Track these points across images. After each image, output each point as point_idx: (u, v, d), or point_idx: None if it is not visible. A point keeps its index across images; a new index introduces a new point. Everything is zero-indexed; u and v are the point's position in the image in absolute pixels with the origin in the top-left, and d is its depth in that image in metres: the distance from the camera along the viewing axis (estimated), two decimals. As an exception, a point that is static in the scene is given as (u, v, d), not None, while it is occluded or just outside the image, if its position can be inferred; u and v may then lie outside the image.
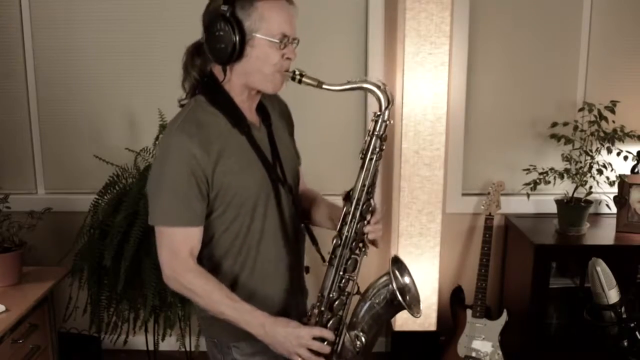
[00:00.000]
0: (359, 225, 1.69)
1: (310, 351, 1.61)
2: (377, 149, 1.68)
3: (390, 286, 1.69)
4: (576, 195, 3.14)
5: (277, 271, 1.76)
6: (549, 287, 3.07)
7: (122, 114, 3.38)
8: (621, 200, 3.16)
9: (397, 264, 1.75)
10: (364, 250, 1.71)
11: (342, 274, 1.69)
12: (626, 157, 3.10)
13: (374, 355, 2.13)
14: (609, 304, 1.67)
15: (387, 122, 1.67)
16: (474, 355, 3.14)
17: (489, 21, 3.33)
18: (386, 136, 1.69)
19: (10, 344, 2.35)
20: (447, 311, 3.34)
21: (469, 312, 3.20)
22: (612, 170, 3.09)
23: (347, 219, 1.68)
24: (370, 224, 1.70)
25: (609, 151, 3.09)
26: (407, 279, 1.76)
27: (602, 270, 1.68)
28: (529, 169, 3.18)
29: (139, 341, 3.20)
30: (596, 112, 3.12)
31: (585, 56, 3.36)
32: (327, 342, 1.64)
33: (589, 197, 3.12)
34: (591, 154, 3.12)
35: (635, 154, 3.13)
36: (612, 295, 1.68)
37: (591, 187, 3.10)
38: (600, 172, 3.09)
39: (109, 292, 2.90)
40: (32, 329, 2.50)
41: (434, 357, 3.28)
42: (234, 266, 1.70)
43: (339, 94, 1.70)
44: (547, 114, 3.34)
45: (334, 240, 1.69)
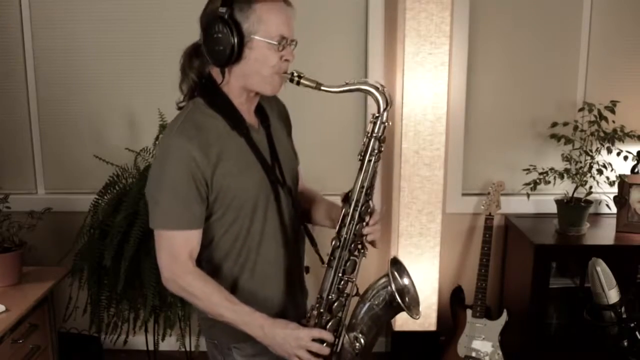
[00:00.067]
0: (358, 226, 1.68)
1: (309, 352, 1.61)
2: (375, 151, 1.67)
3: (389, 288, 1.68)
4: (576, 195, 3.14)
5: (277, 273, 1.75)
6: (549, 287, 3.07)
7: (122, 114, 3.38)
8: (621, 200, 3.16)
9: (396, 265, 1.75)
10: (363, 251, 1.71)
11: (341, 276, 1.69)
12: (626, 157, 3.10)
13: (373, 355, 2.13)
14: (609, 304, 1.67)
15: (385, 123, 1.66)
16: (474, 355, 3.14)
17: (489, 21, 3.33)
18: (385, 138, 1.68)
19: (10, 344, 2.35)
20: (447, 311, 3.34)
21: (469, 312, 3.20)
22: (612, 170, 3.08)
23: (345, 220, 1.68)
24: (369, 225, 1.70)
25: (609, 151, 3.09)
26: (406, 281, 1.76)
27: (602, 270, 1.68)
28: (529, 169, 3.18)
29: (139, 341, 3.20)
30: (596, 112, 3.12)
31: (585, 56, 3.36)
32: (326, 343, 1.64)
33: (589, 197, 3.12)
34: (591, 154, 3.12)
35: (635, 154, 3.13)
36: (612, 295, 1.67)
37: (591, 187, 3.10)
38: (600, 172, 3.09)
39: (109, 292, 2.90)
40: (32, 329, 2.50)
41: (434, 357, 3.28)
42: (233, 268, 1.70)
43: (338, 95, 1.70)
44: (547, 114, 3.34)
45: (333, 241, 1.69)
